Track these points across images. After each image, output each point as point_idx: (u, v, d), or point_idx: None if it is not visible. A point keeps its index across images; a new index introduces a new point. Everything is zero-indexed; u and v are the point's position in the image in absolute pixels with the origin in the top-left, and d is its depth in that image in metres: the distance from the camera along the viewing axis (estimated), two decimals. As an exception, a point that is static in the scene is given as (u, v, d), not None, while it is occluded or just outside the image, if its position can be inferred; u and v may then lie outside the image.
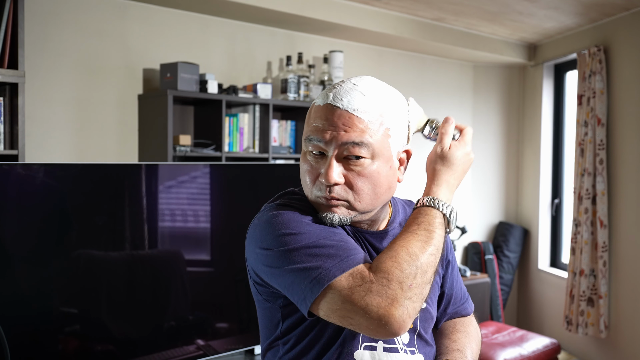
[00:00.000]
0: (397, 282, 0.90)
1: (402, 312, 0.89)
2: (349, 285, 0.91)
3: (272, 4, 3.11)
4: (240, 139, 3.17)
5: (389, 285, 0.90)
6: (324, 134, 1.00)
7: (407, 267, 0.92)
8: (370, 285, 0.90)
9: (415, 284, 0.92)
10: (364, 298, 0.89)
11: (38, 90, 2.73)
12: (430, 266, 0.95)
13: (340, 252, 0.95)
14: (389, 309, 0.88)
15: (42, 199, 1.99)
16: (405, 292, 0.90)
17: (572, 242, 3.87)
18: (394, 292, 0.89)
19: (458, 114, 4.58)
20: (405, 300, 0.90)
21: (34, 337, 1.96)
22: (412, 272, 0.92)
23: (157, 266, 2.28)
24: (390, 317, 0.88)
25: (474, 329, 1.28)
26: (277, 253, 0.96)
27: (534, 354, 3.52)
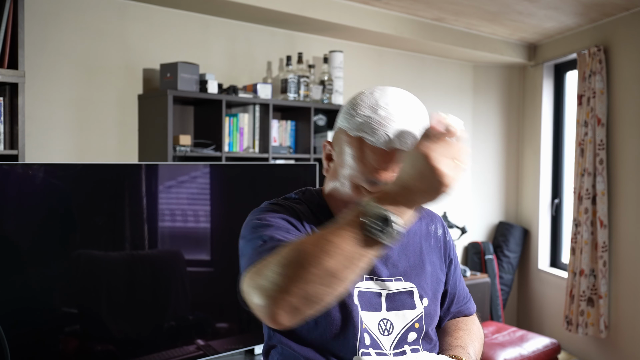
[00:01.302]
0: (259, 273, 0.89)
1: (256, 299, 0.88)
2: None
3: (272, 4, 3.11)
4: (240, 139, 3.17)
5: (253, 276, 0.89)
6: (386, 163, 1.02)
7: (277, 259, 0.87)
8: (247, 274, 0.92)
9: (298, 282, 0.83)
10: (242, 282, 0.92)
11: (38, 90, 2.73)
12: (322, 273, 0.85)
13: (272, 237, 0.99)
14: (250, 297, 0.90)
15: (42, 199, 1.99)
16: (287, 286, 0.83)
17: (572, 242, 3.87)
18: (255, 283, 0.89)
19: (458, 114, 4.58)
20: (285, 295, 0.84)
21: (34, 337, 1.96)
22: (299, 271, 0.84)
23: (157, 266, 2.28)
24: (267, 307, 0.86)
25: (476, 328, 1.29)
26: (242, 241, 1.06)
27: (534, 354, 3.52)
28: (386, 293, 1.11)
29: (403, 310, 1.12)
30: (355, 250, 0.84)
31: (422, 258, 1.19)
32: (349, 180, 1.06)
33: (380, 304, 1.10)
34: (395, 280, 1.12)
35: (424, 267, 1.18)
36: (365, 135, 1.01)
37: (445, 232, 1.27)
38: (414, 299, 1.14)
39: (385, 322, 1.09)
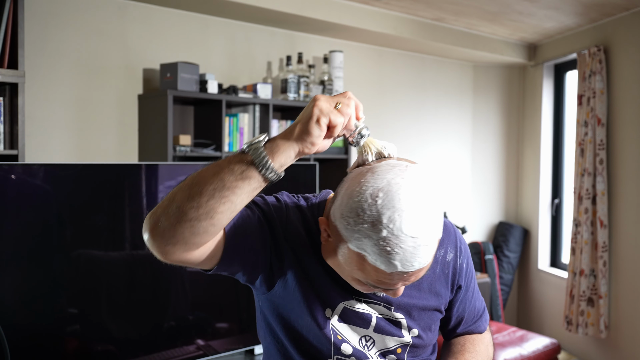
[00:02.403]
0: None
1: (149, 220, 0.90)
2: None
3: (272, 4, 3.11)
4: (240, 139, 3.17)
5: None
6: (393, 286, 0.95)
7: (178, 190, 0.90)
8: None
9: (170, 198, 0.90)
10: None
11: (38, 90, 2.73)
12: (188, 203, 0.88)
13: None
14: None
15: (42, 199, 1.99)
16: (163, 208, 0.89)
17: (572, 242, 3.87)
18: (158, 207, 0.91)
19: (458, 114, 4.58)
20: (158, 215, 0.90)
21: (34, 337, 1.96)
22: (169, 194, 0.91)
23: (157, 266, 2.27)
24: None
25: (484, 348, 1.22)
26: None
27: (534, 354, 3.51)
28: (375, 316, 1.08)
29: (389, 336, 1.10)
30: (225, 161, 0.88)
31: (420, 287, 1.12)
32: (342, 273, 1.00)
33: (369, 323, 1.08)
34: (383, 306, 1.09)
35: (421, 298, 1.12)
36: (366, 255, 0.90)
37: (457, 257, 1.16)
38: (400, 329, 1.10)
39: (367, 338, 1.08)
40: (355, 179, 0.93)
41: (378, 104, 4.08)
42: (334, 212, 0.93)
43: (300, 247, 1.04)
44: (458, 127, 4.58)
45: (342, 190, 0.94)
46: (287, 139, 0.90)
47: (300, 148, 0.90)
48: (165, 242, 0.88)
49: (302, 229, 1.05)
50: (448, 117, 4.51)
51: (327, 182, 3.38)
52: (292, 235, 1.04)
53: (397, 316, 1.10)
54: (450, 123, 4.53)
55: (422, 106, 4.34)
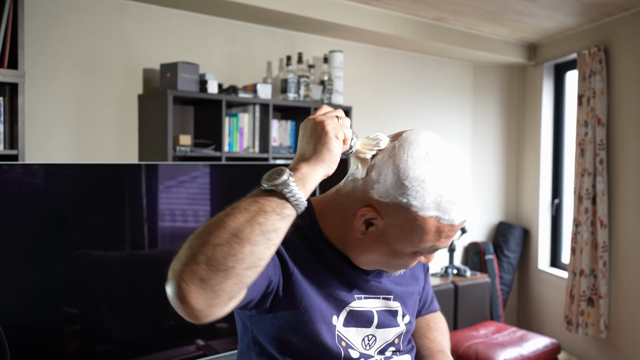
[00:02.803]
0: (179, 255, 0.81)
1: (172, 274, 0.80)
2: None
3: (272, 4, 3.11)
4: (240, 139, 3.17)
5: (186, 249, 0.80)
6: (448, 242, 0.99)
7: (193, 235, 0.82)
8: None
9: (203, 248, 0.79)
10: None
11: (38, 90, 2.73)
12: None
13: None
14: (176, 277, 0.79)
15: (42, 199, 1.99)
16: (179, 258, 0.81)
17: (572, 242, 3.87)
18: (174, 263, 0.81)
19: (458, 114, 4.58)
20: (176, 264, 0.80)
21: (34, 337, 1.96)
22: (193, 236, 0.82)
23: (157, 266, 2.28)
24: (179, 289, 0.79)
25: (444, 324, 1.30)
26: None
27: (534, 354, 3.51)
28: (376, 311, 1.09)
29: (388, 328, 1.10)
30: (254, 204, 0.83)
31: (405, 274, 1.15)
32: (391, 255, 1.00)
33: (371, 321, 1.08)
34: (383, 299, 1.10)
35: (408, 284, 1.16)
36: (439, 215, 0.93)
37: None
38: (397, 318, 1.12)
39: (369, 337, 1.08)
40: (390, 159, 0.95)
41: (378, 104, 4.08)
42: (388, 193, 0.94)
43: (301, 258, 1.01)
44: (458, 127, 4.58)
45: (381, 174, 0.95)
46: (312, 165, 0.88)
47: (325, 170, 0.90)
48: (209, 304, 0.80)
49: (297, 239, 1.02)
50: (448, 117, 4.51)
51: (327, 183, 3.38)
52: (291, 248, 1.00)
53: (394, 306, 1.11)
54: (450, 123, 4.53)
55: (422, 106, 4.34)
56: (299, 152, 0.91)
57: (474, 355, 3.41)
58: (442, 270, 4.15)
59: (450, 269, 4.10)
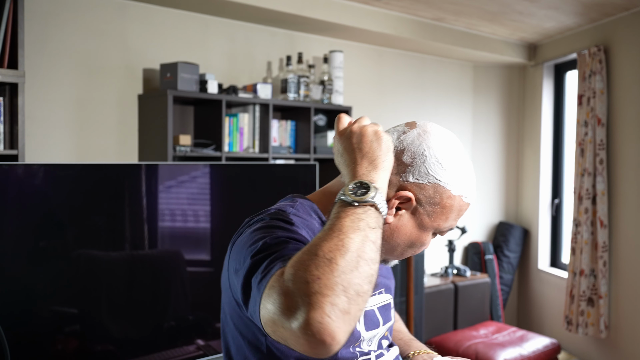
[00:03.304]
0: (298, 277, 0.73)
1: (319, 310, 0.71)
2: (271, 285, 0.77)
3: (272, 4, 3.11)
4: (240, 139, 3.17)
5: (292, 281, 0.73)
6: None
7: (307, 257, 0.76)
8: (280, 285, 0.75)
9: (319, 273, 0.73)
10: (277, 300, 0.74)
11: (38, 90, 2.73)
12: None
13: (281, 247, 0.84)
14: (300, 308, 0.71)
15: (42, 199, 1.99)
16: (313, 287, 0.72)
17: (572, 242, 3.87)
18: (299, 288, 0.73)
19: (458, 114, 4.58)
20: (317, 297, 0.71)
21: (34, 337, 1.96)
22: (313, 262, 0.75)
23: (157, 266, 2.28)
24: (314, 325, 0.70)
25: (395, 313, 1.31)
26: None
27: (534, 354, 3.52)
28: (376, 307, 1.07)
29: (388, 322, 1.10)
30: (360, 222, 0.80)
31: (386, 267, 1.15)
32: (416, 238, 1.02)
33: (377, 320, 1.06)
34: (378, 294, 1.09)
35: (390, 276, 1.17)
36: (462, 193, 1.00)
37: None
38: (390, 312, 1.12)
39: (376, 336, 1.07)
40: (422, 143, 0.99)
41: (378, 104, 4.08)
42: (427, 173, 0.97)
43: None
44: (458, 127, 4.58)
45: (415, 157, 0.98)
46: (383, 168, 0.89)
47: (390, 171, 0.93)
48: (349, 333, 0.73)
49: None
50: (448, 117, 4.51)
51: (327, 181, 3.38)
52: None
53: (388, 299, 1.12)
54: (450, 123, 4.53)
55: (422, 106, 4.34)
56: (358, 161, 0.89)
57: (474, 355, 3.41)
58: (442, 270, 4.15)
59: (450, 269, 4.10)
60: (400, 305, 3.32)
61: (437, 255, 4.37)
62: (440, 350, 3.60)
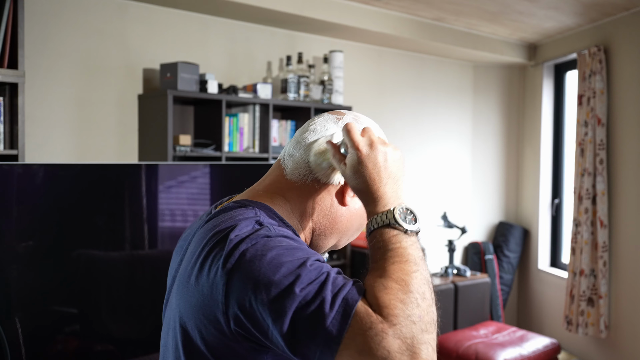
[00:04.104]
0: (405, 317, 0.72)
1: (427, 350, 0.72)
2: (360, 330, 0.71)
3: (272, 4, 3.11)
4: (240, 139, 3.17)
5: (399, 321, 0.71)
6: None
7: (404, 295, 0.74)
8: (382, 327, 0.70)
9: (422, 308, 0.75)
10: (381, 344, 0.70)
11: (38, 90, 2.73)
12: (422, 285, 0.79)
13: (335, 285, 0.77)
14: (413, 351, 0.71)
15: (42, 199, 1.99)
16: (419, 326, 0.73)
17: (572, 242, 3.87)
18: (408, 329, 0.71)
19: (458, 114, 4.58)
20: (424, 335, 0.73)
21: (34, 337, 1.96)
22: (411, 299, 0.75)
23: (157, 266, 2.28)
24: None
25: None
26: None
27: (534, 354, 3.51)
28: None
29: None
30: (419, 251, 0.81)
31: None
32: (363, 221, 1.00)
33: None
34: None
35: None
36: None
37: None
38: None
39: None
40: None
41: (378, 104, 4.08)
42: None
43: None
44: (458, 127, 4.58)
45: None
46: (399, 186, 0.89)
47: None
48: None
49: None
50: (448, 117, 4.51)
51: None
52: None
53: None
54: (450, 123, 4.53)
55: (422, 106, 4.34)
56: (384, 181, 0.87)
57: (474, 355, 3.41)
58: (442, 270, 4.15)
59: (450, 269, 4.10)
60: (400, 305, 3.32)
61: (437, 255, 4.37)
62: (441, 350, 3.60)
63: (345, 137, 0.90)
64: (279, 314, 0.72)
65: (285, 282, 0.73)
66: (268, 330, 0.74)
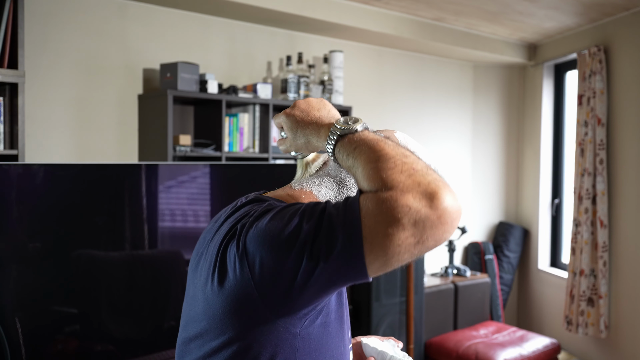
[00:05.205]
0: (399, 174, 0.72)
1: (438, 185, 0.71)
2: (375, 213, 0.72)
3: (272, 4, 3.11)
4: (240, 139, 3.17)
5: (398, 181, 0.72)
6: None
7: (387, 163, 0.75)
8: (388, 194, 0.71)
9: (408, 161, 0.74)
10: (398, 206, 0.70)
11: (38, 90, 2.73)
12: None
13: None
14: (428, 192, 0.70)
15: (42, 199, 1.99)
16: (418, 172, 0.72)
17: (572, 242, 3.87)
18: (410, 180, 0.71)
19: (458, 114, 4.58)
20: (427, 177, 0.72)
21: (33, 337, 1.96)
22: (396, 161, 0.75)
23: (157, 266, 2.28)
24: (441, 201, 0.70)
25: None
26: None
27: (534, 354, 3.52)
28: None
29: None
30: (372, 136, 0.82)
31: None
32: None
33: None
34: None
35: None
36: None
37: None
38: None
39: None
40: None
41: (378, 104, 4.08)
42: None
43: None
44: (458, 127, 4.59)
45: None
46: (332, 110, 0.94)
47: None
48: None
49: None
50: (448, 117, 4.51)
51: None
52: None
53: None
54: (450, 123, 4.53)
55: (422, 106, 4.34)
56: (317, 116, 0.91)
57: (474, 355, 3.41)
58: (442, 270, 4.15)
59: (450, 269, 4.10)
60: (400, 305, 3.32)
61: (437, 255, 4.37)
62: (440, 350, 3.60)
63: (275, 121, 0.97)
64: (300, 253, 0.74)
65: (292, 225, 0.76)
66: (295, 277, 0.76)
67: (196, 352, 0.89)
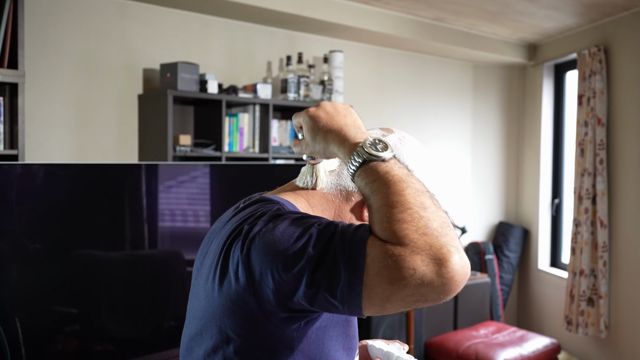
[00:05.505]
0: (414, 232, 0.72)
1: (449, 251, 0.71)
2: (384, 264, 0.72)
3: (272, 4, 3.11)
4: (240, 139, 3.17)
5: (411, 239, 0.71)
6: None
7: (404, 215, 0.74)
8: (397, 251, 0.71)
9: (425, 215, 0.74)
10: (404, 266, 0.70)
11: (38, 90, 2.73)
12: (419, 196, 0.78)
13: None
14: (438, 258, 0.70)
15: (42, 199, 1.99)
16: (432, 233, 0.72)
17: (572, 242, 3.87)
18: (422, 241, 0.71)
19: (458, 114, 4.58)
20: (440, 239, 0.72)
21: (33, 337, 1.96)
22: (412, 214, 0.74)
23: (157, 266, 2.28)
24: (447, 263, 0.70)
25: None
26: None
27: (534, 354, 3.52)
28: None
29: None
30: (404, 169, 0.82)
31: None
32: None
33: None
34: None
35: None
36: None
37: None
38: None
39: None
40: (404, 146, 1.08)
41: (378, 104, 4.08)
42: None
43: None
44: (458, 127, 4.58)
45: (400, 158, 0.98)
46: (357, 122, 0.92)
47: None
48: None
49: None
50: (448, 117, 4.51)
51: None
52: None
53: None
54: (450, 123, 4.53)
55: (422, 106, 4.34)
56: (343, 128, 0.87)
57: (474, 355, 3.41)
58: (442, 270, 4.15)
59: (450, 269, 4.10)
60: (400, 305, 3.32)
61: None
62: (440, 350, 3.60)
63: (295, 120, 0.93)
64: (299, 275, 0.75)
65: (298, 245, 0.76)
66: (294, 295, 0.76)
67: (197, 350, 0.90)
